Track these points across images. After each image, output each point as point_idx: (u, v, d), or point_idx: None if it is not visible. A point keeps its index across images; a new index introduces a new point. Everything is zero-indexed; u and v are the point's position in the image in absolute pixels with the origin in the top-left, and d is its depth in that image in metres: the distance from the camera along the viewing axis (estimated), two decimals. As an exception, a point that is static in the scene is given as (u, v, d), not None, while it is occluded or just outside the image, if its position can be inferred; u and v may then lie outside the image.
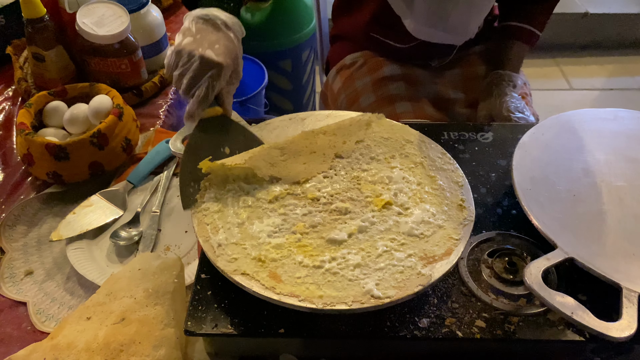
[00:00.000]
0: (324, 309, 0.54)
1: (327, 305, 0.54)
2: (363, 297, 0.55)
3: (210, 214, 0.63)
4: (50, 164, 0.84)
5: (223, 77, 0.69)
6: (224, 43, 0.70)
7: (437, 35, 0.90)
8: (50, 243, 0.79)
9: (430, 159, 0.71)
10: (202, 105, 0.69)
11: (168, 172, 0.89)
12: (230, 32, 0.72)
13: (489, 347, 0.60)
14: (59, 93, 0.94)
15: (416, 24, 0.88)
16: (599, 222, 0.64)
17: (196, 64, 0.68)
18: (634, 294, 0.55)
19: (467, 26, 0.89)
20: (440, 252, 0.59)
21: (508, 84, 1.00)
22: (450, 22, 0.88)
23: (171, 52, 0.70)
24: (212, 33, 0.71)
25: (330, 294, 0.55)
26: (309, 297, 0.55)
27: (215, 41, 0.70)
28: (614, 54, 2.52)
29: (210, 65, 0.68)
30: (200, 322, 0.57)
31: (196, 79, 0.68)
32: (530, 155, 0.72)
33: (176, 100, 1.10)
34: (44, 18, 0.96)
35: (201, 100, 0.68)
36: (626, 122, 0.79)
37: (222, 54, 0.69)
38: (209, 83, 0.68)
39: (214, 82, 0.68)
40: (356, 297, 0.54)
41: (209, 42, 0.69)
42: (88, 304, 0.62)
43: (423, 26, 0.89)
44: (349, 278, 0.56)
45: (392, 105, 1.05)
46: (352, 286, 0.56)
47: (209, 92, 0.68)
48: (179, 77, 0.69)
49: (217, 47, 0.69)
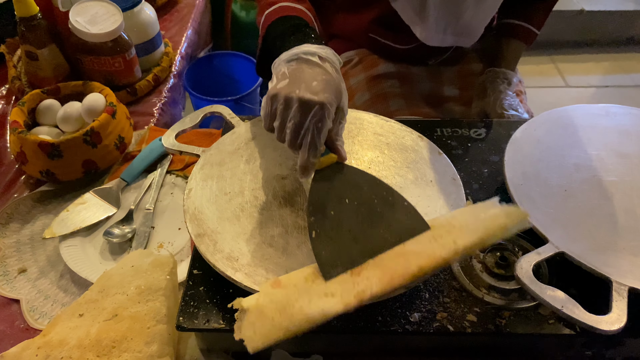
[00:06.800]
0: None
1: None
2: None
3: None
4: (44, 162, 0.84)
5: (328, 116, 0.59)
6: (322, 78, 0.61)
7: (447, 39, 0.90)
8: (44, 241, 0.79)
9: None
10: (313, 153, 0.59)
11: (161, 169, 0.89)
12: (327, 63, 0.63)
13: (480, 341, 0.60)
14: (53, 91, 0.94)
15: (427, 32, 0.88)
16: (589, 216, 0.65)
17: (295, 109, 0.58)
18: (623, 288, 0.55)
19: (476, 28, 0.89)
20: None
21: (503, 81, 1.00)
22: (460, 26, 0.88)
23: (265, 100, 0.62)
24: (307, 70, 0.61)
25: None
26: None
27: (312, 78, 0.60)
28: (610, 51, 2.53)
29: (311, 106, 0.58)
30: (192, 318, 0.58)
31: (300, 126, 0.59)
32: (522, 151, 0.72)
33: (170, 99, 1.10)
34: (37, 16, 0.96)
35: (310, 149, 0.59)
36: (618, 117, 0.79)
37: (321, 91, 0.59)
38: (314, 127, 0.58)
39: (319, 125, 0.58)
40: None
41: (305, 81, 0.60)
42: (81, 301, 0.62)
43: (434, 32, 0.89)
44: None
45: (386, 103, 1.05)
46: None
47: (316, 138, 0.59)
48: (280, 128, 0.61)
49: (314, 84, 0.60)
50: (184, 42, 1.27)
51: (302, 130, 0.59)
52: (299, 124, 0.59)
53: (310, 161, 0.59)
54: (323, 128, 0.59)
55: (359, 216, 0.58)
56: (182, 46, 1.25)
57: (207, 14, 1.48)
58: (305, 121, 0.58)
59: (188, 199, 0.66)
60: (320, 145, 0.60)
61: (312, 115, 0.58)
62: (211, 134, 0.95)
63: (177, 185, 0.87)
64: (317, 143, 0.59)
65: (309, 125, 0.58)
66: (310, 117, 0.58)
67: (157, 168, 0.90)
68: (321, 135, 0.59)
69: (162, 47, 1.16)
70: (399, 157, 0.72)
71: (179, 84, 1.18)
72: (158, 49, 1.14)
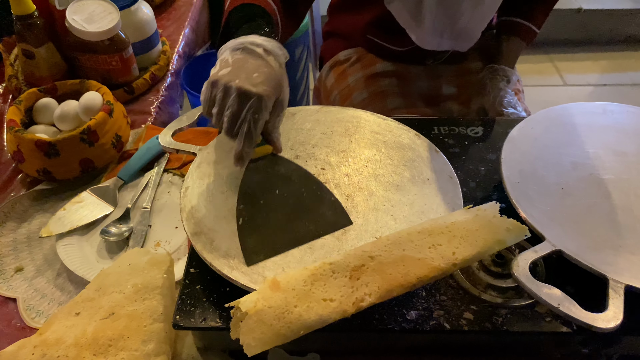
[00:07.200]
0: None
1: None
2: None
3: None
4: (41, 161, 0.84)
5: (265, 108, 0.61)
6: (263, 70, 0.62)
7: (444, 43, 0.90)
8: (41, 239, 0.79)
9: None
10: (248, 143, 0.61)
11: (159, 168, 0.89)
12: (271, 56, 0.64)
13: (477, 339, 0.60)
14: (49, 90, 0.94)
15: (424, 36, 0.88)
16: (586, 215, 0.65)
17: (233, 98, 0.60)
18: (620, 286, 0.55)
19: (473, 32, 0.89)
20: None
21: (502, 78, 1.00)
22: (457, 30, 0.88)
23: (205, 85, 0.63)
24: (250, 62, 0.63)
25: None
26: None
27: (253, 70, 0.62)
28: (608, 50, 2.53)
29: (249, 97, 0.60)
30: (189, 316, 0.57)
31: (237, 115, 0.60)
32: (520, 149, 0.72)
33: (167, 97, 1.10)
34: (34, 15, 0.96)
35: (245, 139, 0.60)
36: (615, 115, 0.79)
37: (260, 83, 0.61)
38: (250, 118, 0.60)
39: (256, 116, 0.60)
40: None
41: (246, 72, 0.61)
42: (77, 300, 0.62)
43: (430, 37, 0.89)
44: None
45: (384, 101, 1.05)
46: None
47: (252, 129, 0.60)
48: (218, 115, 0.62)
49: (255, 75, 0.61)
50: (182, 41, 1.26)
51: (239, 120, 0.60)
52: (236, 113, 0.60)
53: (246, 150, 0.61)
54: (260, 120, 0.61)
55: (286, 207, 0.62)
56: (179, 45, 1.25)
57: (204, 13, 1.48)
58: (242, 111, 0.60)
59: (185, 197, 0.66)
60: (256, 136, 0.61)
61: (249, 106, 0.60)
62: (208, 132, 0.95)
63: (174, 184, 0.87)
64: (253, 134, 0.61)
65: (245, 115, 0.60)
66: (247, 107, 0.60)
67: (154, 167, 0.89)
68: (257, 126, 0.61)
69: (160, 45, 1.16)
70: (396, 155, 0.72)
71: (176, 82, 1.18)
72: (155, 47, 1.14)
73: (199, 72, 1.50)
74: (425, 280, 0.52)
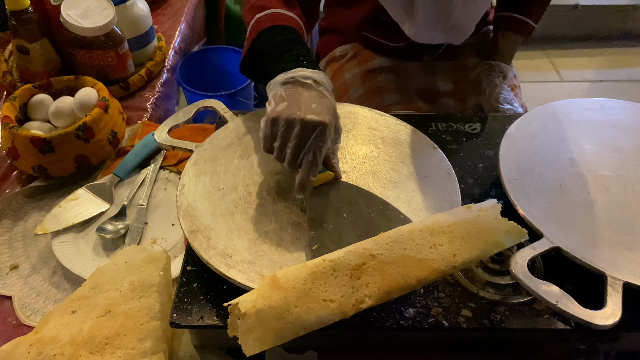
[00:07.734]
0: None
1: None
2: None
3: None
4: (36, 158, 0.83)
5: (328, 136, 0.62)
6: (320, 100, 0.63)
7: (437, 37, 0.90)
8: (36, 237, 0.79)
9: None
10: (313, 172, 0.62)
11: (155, 165, 0.88)
12: (322, 87, 0.65)
13: (475, 336, 0.60)
14: (44, 86, 0.93)
15: (417, 29, 0.88)
16: (584, 211, 0.65)
17: (298, 130, 0.61)
18: (618, 282, 0.55)
19: (467, 25, 0.89)
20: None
21: (498, 75, 1.00)
22: (450, 23, 0.87)
23: (265, 122, 0.64)
24: (304, 94, 0.64)
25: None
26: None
27: (310, 101, 0.63)
28: (605, 46, 2.53)
29: (314, 127, 0.61)
30: (186, 314, 0.57)
31: (300, 146, 0.61)
32: (517, 145, 0.72)
33: (163, 93, 1.09)
34: (28, 10, 0.95)
35: (311, 167, 0.61)
36: (612, 112, 0.79)
37: (322, 112, 0.62)
38: (315, 146, 0.61)
39: (320, 144, 0.61)
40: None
41: (305, 103, 0.63)
42: (73, 298, 0.62)
43: (423, 30, 0.88)
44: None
45: (381, 97, 1.04)
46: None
47: (318, 157, 0.61)
48: (280, 148, 0.63)
49: (313, 106, 0.62)
50: (178, 37, 1.26)
51: (304, 150, 0.61)
52: (299, 144, 0.61)
53: (310, 179, 0.62)
54: (324, 147, 0.62)
55: (357, 229, 0.60)
56: (175, 40, 1.24)
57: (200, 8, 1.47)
58: (307, 141, 0.61)
59: (181, 195, 0.65)
60: (320, 164, 0.62)
61: (315, 135, 0.61)
62: (205, 129, 0.94)
63: (171, 181, 0.87)
64: (318, 161, 0.62)
65: (311, 144, 0.61)
66: (313, 137, 0.61)
67: (150, 163, 0.89)
68: (321, 153, 0.62)
69: (155, 41, 1.15)
70: (393, 151, 0.72)
71: (172, 78, 1.17)
72: (151, 43, 1.13)
73: (195, 68, 1.49)
74: (424, 282, 0.53)
